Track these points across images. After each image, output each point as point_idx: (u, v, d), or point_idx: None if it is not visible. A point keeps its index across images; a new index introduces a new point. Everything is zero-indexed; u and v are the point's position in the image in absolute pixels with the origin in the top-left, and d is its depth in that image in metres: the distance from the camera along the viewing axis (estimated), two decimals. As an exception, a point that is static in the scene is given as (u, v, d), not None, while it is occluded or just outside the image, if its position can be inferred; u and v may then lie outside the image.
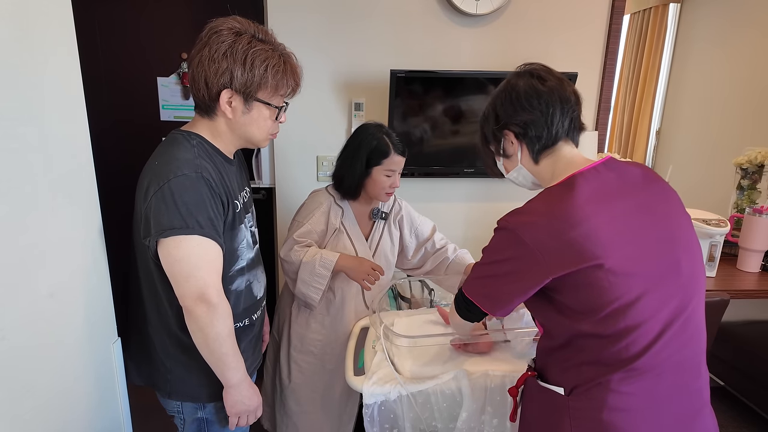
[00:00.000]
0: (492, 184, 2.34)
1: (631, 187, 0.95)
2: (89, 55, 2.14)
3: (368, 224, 1.70)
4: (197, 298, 1.03)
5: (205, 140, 1.11)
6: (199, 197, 1.03)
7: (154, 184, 1.02)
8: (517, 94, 1.00)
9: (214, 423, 1.24)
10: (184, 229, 1.00)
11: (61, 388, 1.02)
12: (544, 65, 1.04)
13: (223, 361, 1.09)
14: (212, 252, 1.05)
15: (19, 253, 0.89)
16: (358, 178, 1.58)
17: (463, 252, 1.76)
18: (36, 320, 0.94)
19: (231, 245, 1.14)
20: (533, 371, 1.10)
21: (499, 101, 1.04)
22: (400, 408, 1.29)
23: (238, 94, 1.06)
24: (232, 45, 1.04)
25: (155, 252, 1.04)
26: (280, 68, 1.08)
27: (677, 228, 0.95)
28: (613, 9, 2.22)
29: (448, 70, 2.10)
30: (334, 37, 2.09)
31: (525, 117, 0.99)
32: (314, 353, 1.67)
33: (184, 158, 1.05)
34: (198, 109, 1.13)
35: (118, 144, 2.26)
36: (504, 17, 2.15)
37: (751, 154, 2.19)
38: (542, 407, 1.06)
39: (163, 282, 1.08)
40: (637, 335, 0.90)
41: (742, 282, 2.01)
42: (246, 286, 1.22)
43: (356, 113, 2.17)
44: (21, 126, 0.88)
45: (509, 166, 1.09)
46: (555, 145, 1.01)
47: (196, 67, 1.06)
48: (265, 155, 2.23)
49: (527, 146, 1.02)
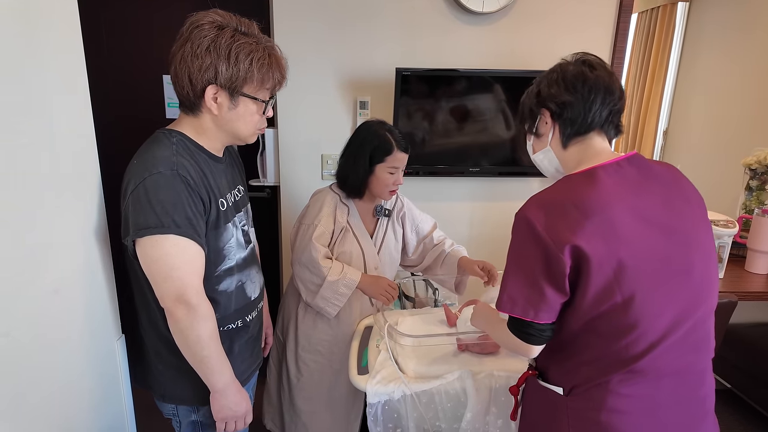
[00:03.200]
0: (497, 184, 2.33)
1: (652, 186, 0.94)
2: (95, 53, 2.14)
3: (372, 222, 1.70)
4: (176, 299, 1.01)
5: (186, 138, 1.09)
6: (176, 195, 1.00)
7: (132, 183, 1.00)
8: (564, 75, 1.00)
9: (208, 426, 1.21)
10: (159, 228, 0.98)
11: (64, 384, 1.02)
12: (599, 57, 1.03)
13: (205, 363, 1.06)
14: (190, 252, 1.02)
15: (24, 250, 0.89)
16: (362, 177, 1.57)
17: (459, 247, 1.77)
18: (40, 317, 0.94)
19: (216, 244, 1.11)
20: (534, 370, 1.09)
21: (545, 80, 1.04)
22: (403, 407, 1.29)
23: (223, 90, 1.03)
24: (215, 39, 1.01)
25: (134, 252, 1.03)
26: (265, 61, 1.05)
27: (694, 232, 0.94)
28: (621, 7, 2.20)
29: (453, 69, 2.09)
30: (340, 35, 2.09)
31: (565, 98, 0.98)
32: (321, 353, 1.67)
33: (161, 156, 1.02)
34: (182, 106, 1.10)
35: (123, 143, 2.25)
36: (510, 16, 2.14)
37: (760, 155, 2.17)
38: (542, 407, 1.05)
39: (148, 283, 1.06)
40: (639, 334, 0.89)
41: (750, 284, 1.99)
42: (237, 286, 1.19)
43: (361, 111, 2.16)
44: (27, 124, 0.88)
45: (538, 146, 1.08)
46: (587, 133, 1.00)
47: (178, 64, 1.03)
48: (269, 153, 2.23)
49: (560, 128, 1.01)
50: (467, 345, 1.41)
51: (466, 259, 1.70)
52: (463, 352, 1.41)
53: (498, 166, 2.24)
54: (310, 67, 2.11)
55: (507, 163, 2.23)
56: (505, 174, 2.28)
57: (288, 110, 2.16)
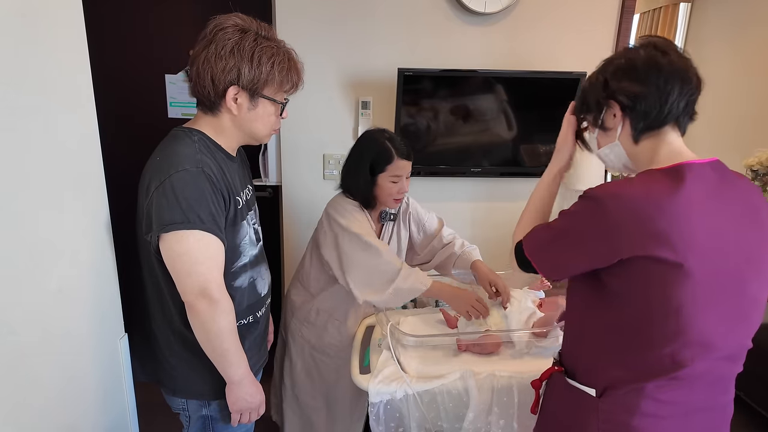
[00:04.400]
0: (498, 184, 2.33)
1: (731, 197, 0.89)
2: (97, 52, 2.14)
3: (377, 227, 1.68)
4: (199, 293, 1.03)
5: (206, 137, 1.12)
6: (200, 192, 1.03)
7: (156, 179, 1.03)
8: (634, 63, 0.91)
9: (218, 420, 1.24)
10: (185, 223, 1.01)
11: (68, 382, 1.03)
12: (668, 39, 0.93)
13: (225, 357, 1.09)
14: (213, 247, 1.05)
15: (27, 248, 0.89)
16: (365, 188, 1.53)
17: (470, 248, 1.71)
18: (44, 315, 0.94)
19: (233, 241, 1.14)
20: (560, 366, 1.06)
21: (611, 68, 0.94)
22: (405, 407, 1.29)
23: (244, 91, 1.07)
24: (239, 42, 1.04)
25: (157, 247, 1.05)
26: (285, 65, 1.10)
27: (759, 251, 0.90)
28: (623, 8, 2.20)
29: (455, 69, 2.09)
30: (342, 35, 2.09)
31: (638, 89, 0.89)
32: (329, 354, 1.68)
33: (185, 153, 1.05)
34: (201, 105, 1.13)
35: (126, 141, 2.26)
36: (512, 16, 2.14)
37: (762, 156, 2.16)
38: (568, 405, 1.02)
39: (166, 278, 1.09)
40: (686, 343, 0.86)
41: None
42: (249, 283, 1.21)
43: (363, 112, 2.16)
44: (31, 123, 0.89)
45: (604, 140, 0.99)
46: (662, 127, 0.91)
47: (201, 65, 1.07)
48: (271, 153, 2.23)
49: (631, 122, 0.93)
50: (467, 345, 1.41)
51: (478, 266, 1.64)
52: (463, 352, 1.41)
53: (500, 166, 2.23)
54: (312, 66, 2.09)
55: (509, 164, 2.23)
56: (506, 174, 2.27)
57: (290, 110, 2.13)
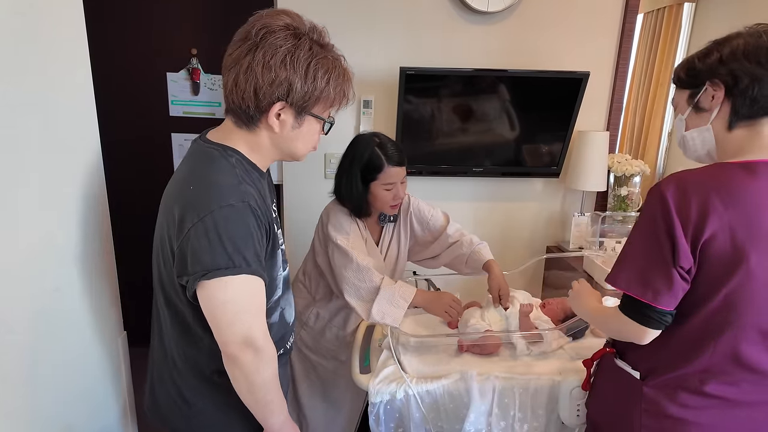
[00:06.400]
0: (500, 184, 2.32)
1: None
2: (98, 49, 2.13)
3: (377, 229, 1.64)
4: (242, 343, 0.89)
5: (243, 156, 0.95)
6: (246, 230, 0.88)
7: (192, 214, 0.85)
8: (757, 45, 0.87)
9: None
10: (230, 269, 0.85)
11: (66, 381, 1.03)
12: None
13: (267, 407, 0.96)
14: (259, 291, 0.92)
15: (26, 247, 0.89)
16: (358, 197, 1.46)
17: (479, 246, 1.61)
18: (42, 314, 0.94)
19: (270, 274, 0.99)
20: (611, 347, 1.06)
21: (728, 48, 0.89)
22: (406, 408, 1.28)
23: (291, 108, 0.91)
24: (293, 51, 0.88)
25: (194, 293, 0.88)
26: (340, 80, 0.95)
27: None
28: (627, 8, 2.19)
29: (458, 68, 2.08)
30: (344, 33, 2.07)
31: (755, 71, 0.85)
32: (325, 357, 1.68)
33: (228, 184, 0.88)
34: (234, 117, 0.94)
35: (127, 139, 2.26)
36: (515, 15, 2.13)
37: None
38: (616, 387, 1.03)
39: (199, 321, 0.93)
40: (734, 336, 0.86)
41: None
42: (279, 315, 1.08)
43: (365, 111, 2.16)
44: (31, 121, 0.88)
45: (693, 122, 0.94)
46: (762, 117, 0.87)
47: (243, 72, 0.87)
48: (273, 152, 2.23)
49: (733, 106, 0.88)
50: (468, 346, 1.40)
51: (491, 268, 1.55)
52: (464, 352, 1.40)
53: (502, 166, 2.23)
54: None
55: (511, 164, 2.22)
56: (508, 174, 2.27)
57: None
